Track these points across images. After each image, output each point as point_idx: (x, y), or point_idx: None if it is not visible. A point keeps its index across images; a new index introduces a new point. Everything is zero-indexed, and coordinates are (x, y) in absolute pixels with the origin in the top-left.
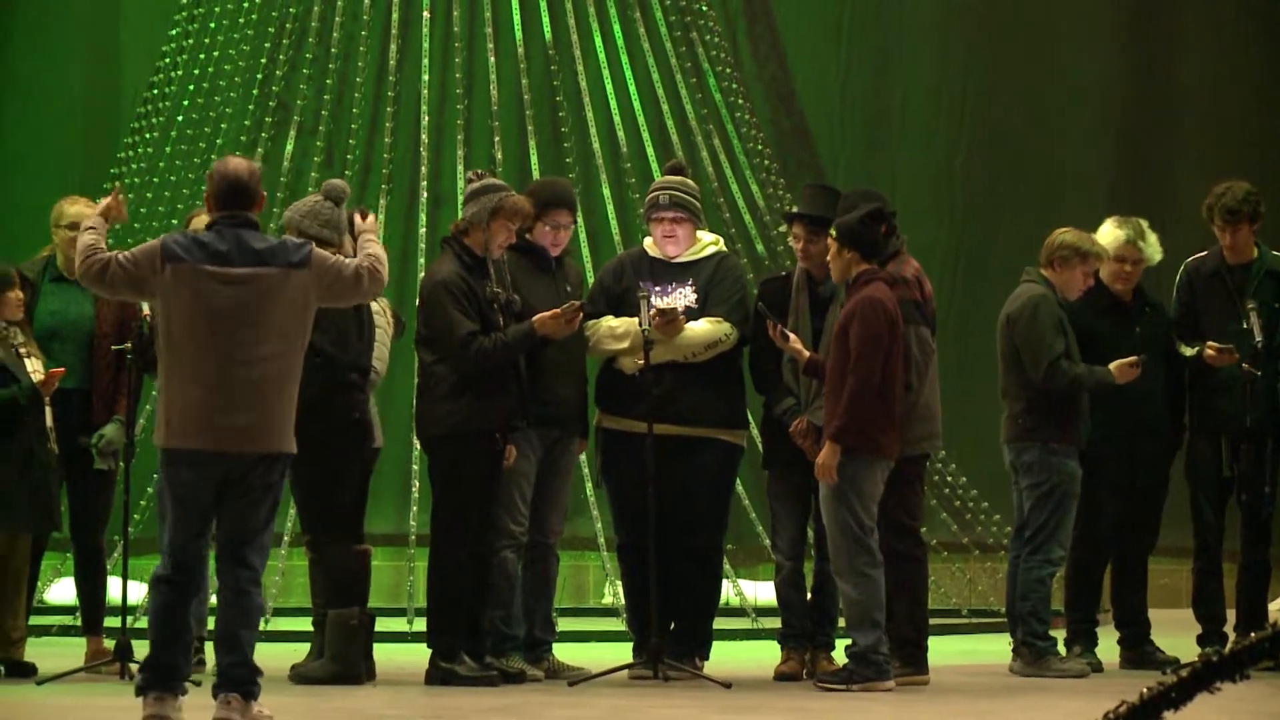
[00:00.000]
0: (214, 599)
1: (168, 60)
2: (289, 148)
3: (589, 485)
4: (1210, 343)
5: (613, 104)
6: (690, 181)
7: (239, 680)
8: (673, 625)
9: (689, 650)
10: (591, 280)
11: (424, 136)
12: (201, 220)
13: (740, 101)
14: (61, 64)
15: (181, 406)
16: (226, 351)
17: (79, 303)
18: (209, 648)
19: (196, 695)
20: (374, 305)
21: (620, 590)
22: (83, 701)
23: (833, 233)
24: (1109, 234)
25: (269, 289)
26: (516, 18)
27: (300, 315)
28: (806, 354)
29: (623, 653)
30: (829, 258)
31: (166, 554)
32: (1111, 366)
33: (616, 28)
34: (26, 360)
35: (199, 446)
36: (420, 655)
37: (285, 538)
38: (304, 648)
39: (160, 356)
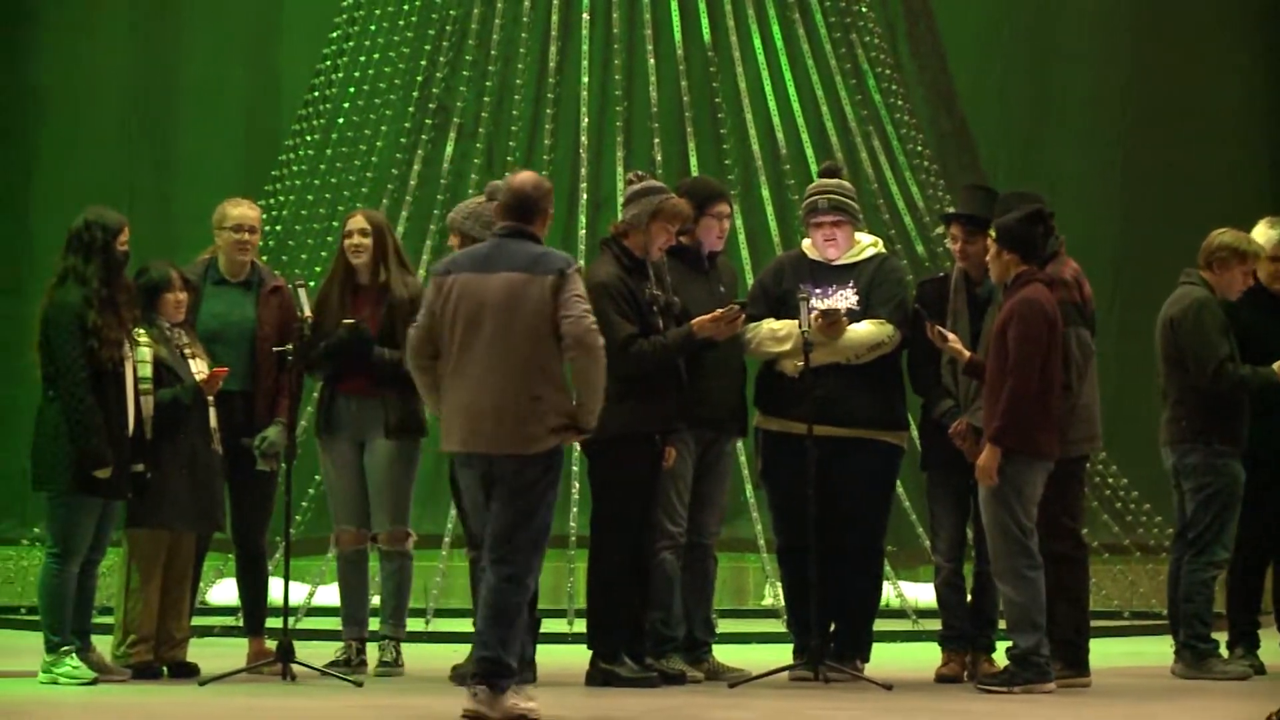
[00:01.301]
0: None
1: (328, 63)
2: (449, 150)
3: (749, 487)
4: None
5: (772, 105)
6: (846, 183)
7: (485, 674)
8: (833, 627)
9: (849, 652)
10: (747, 280)
11: (584, 139)
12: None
13: (900, 103)
14: (224, 68)
15: (450, 411)
16: (479, 355)
17: (241, 305)
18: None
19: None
20: None
21: (780, 592)
22: (245, 702)
23: (992, 233)
24: (1262, 235)
25: (516, 292)
26: (676, 20)
27: (550, 321)
28: (966, 354)
29: (783, 654)
30: (988, 258)
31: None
32: (1275, 366)
33: (776, 29)
34: (191, 361)
35: (463, 450)
36: (581, 656)
37: (446, 539)
38: (465, 648)
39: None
